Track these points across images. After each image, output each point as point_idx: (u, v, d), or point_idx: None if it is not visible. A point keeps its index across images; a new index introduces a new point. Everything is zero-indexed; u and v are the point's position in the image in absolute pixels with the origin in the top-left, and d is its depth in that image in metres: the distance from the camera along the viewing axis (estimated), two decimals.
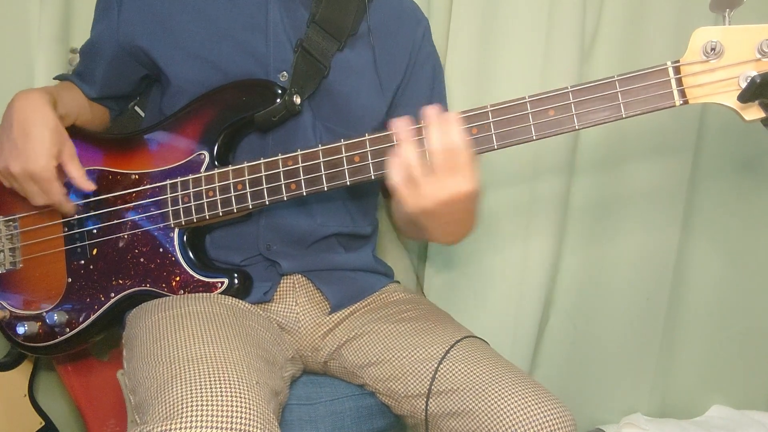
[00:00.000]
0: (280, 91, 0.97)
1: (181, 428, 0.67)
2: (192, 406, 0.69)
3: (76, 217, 1.02)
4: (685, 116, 1.37)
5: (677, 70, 0.81)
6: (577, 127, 0.84)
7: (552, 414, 0.82)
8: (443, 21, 1.33)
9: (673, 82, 0.82)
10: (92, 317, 1.01)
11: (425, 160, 0.80)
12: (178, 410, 0.69)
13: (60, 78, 1.13)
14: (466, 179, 0.80)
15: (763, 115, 0.79)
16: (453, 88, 1.28)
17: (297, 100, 0.97)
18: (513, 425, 0.81)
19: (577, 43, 1.31)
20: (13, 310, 1.05)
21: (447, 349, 0.92)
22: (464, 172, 0.80)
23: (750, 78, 0.77)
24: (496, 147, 0.86)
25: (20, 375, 1.21)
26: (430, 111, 0.81)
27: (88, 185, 0.99)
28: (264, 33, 1.00)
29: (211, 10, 1.01)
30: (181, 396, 0.70)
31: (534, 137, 0.85)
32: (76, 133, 1.04)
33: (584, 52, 1.34)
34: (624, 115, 0.83)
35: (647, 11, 1.35)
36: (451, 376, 0.89)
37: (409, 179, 0.80)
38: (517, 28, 1.33)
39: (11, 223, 1.06)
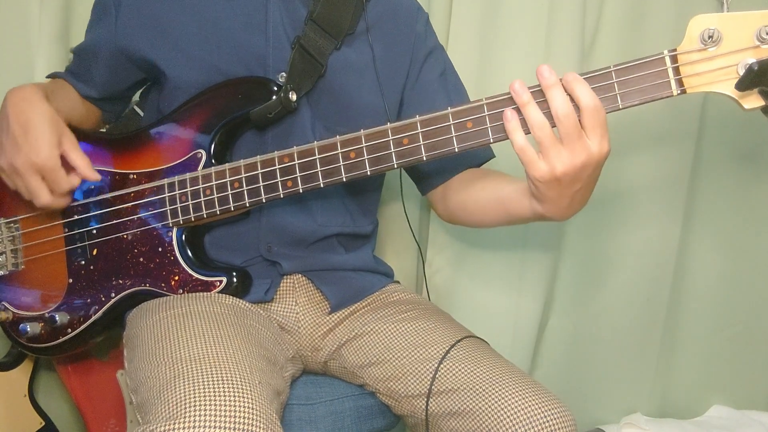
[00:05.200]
0: (275, 88, 0.96)
1: (184, 428, 0.67)
2: (195, 405, 0.69)
3: (76, 217, 1.02)
4: (684, 110, 1.36)
5: (674, 59, 0.80)
6: None
7: (552, 414, 0.82)
8: (443, 21, 1.33)
9: (671, 71, 0.80)
10: (93, 317, 1.01)
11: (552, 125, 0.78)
12: (181, 410, 0.69)
13: (52, 76, 1.12)
14: (600, 142, 0.78)
15: (762, 103, 0.77)
16: None
17: (293, 96, 0.97)
18: (513, 425, 0.81)
19: (577, 42, 1.31)
20: (16, 311, 1.05)
21: (447, 349, 0.92)
22: (597, 133, 0.78)
23: (748, 65, 0.75)
24: (491, 140, 0.85)
25: (20, 375, 1.21)
26: (546, 70, 0.78)
27: (94, 175, 0.96)
28: (263, 33, 1.00)
29: (210, 11, 1.01)
30: (184, 396, 0.70)
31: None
32: (76, 134, 1.04)
33: (584, 51, 1.34)
34: (621, 106, 0.81)
35: (647, 10, 1.35)
36: (451, 376, 0.89)
37: (540, 144, 0.78)
38: (517, 28, 1.33)
39: (12, 224, 1.06)
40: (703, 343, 1.50)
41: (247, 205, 0.95)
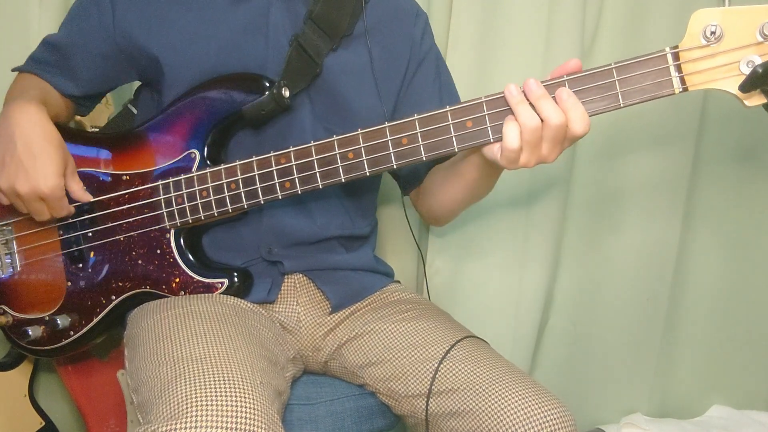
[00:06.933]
0: (267, 84, 0.95)
1: (185, 428, 0.67)
2: (196, 405, 0.69)
3: (70, 220, 1.00)
4: (685, 108, 1.36)
5: (676, 56, 0.79)
6: None
7: (552, 414, 0.82)
8: (443, 20, 1.33)
9: (672, 69, 0.79)
10: (94, 320, 1.00)
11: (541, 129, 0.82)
12: (182, 410, 0.69)
13: (20, 70, 1.07)
14: (572, 144, 0.85)
15: (764, 101, 0.77)
16: None
17: (286, 93, 0.95)
18: (513, 425, 0.81)
19: (577, 41, 1.31)
20: (16, 314, 1.05)
21: (447, 348, 0.92)
22: (575, 140, 0.83)
23: (753, 67, 0.75)
24: (492, 140, 0.85)
25: (20, 375, 1.21)
26: (533, 83, 0.81)
27: (87, 197, 0.99)
28: (264, 36, 1.00)
29: (211, 13, 1.00)
30: (186, 395, 0.70)
31: None
32: (66, 133, 1.03)
33: (584, 50, 1.34)
34: (622, 105, 0.80)
35: (647, 11, 1.35)
36: (451, 376, 0.89)
37: (527, 143, 0.82)
38: (517, 28, 1.33)
39: (5, 228, 1.05)
40: (703, 343, 1.50)
41: (245, 207, 0.94)
